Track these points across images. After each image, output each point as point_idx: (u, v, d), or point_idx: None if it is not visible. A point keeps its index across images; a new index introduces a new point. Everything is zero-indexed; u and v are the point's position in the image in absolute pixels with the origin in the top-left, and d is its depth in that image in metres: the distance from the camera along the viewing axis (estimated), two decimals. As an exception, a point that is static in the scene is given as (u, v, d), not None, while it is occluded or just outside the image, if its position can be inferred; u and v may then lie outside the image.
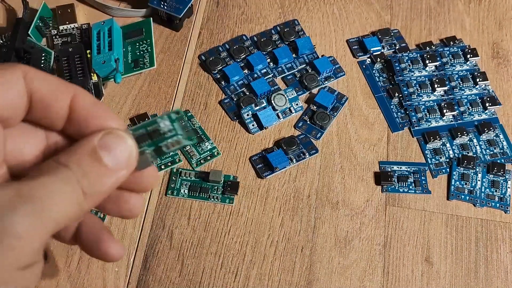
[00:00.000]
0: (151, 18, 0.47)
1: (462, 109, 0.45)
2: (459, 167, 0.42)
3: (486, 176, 0.42)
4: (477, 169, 0.42)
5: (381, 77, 0.47)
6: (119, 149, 0.24)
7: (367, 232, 0.40)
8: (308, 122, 0.44)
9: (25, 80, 0.23)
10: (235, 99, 0.45)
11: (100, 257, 0.26)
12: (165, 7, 0.47)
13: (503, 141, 0.44)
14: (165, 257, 0.39)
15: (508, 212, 0.41)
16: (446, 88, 0.46)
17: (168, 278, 0.38)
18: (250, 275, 0.38)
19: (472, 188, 0.42)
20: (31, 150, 0.25)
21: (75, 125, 0.25)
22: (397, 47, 0.48)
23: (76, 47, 0.44)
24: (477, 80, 0.46)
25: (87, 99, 0.24)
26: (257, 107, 0.44)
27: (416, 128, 0.44)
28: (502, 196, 0.41)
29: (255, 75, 0.46)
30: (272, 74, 0.46)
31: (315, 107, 0.44)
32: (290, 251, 0.39)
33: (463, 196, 0.41)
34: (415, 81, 0.46)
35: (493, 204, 0.41)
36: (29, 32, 0.45)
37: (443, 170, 0.42)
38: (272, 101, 0.44)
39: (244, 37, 0.48)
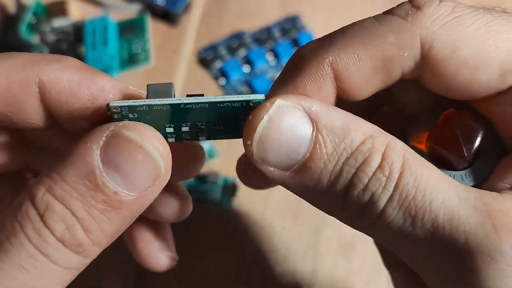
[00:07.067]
0: (148, 13, 0.46)
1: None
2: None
3: None
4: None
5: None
6: (133, 164, 0.15)
7: (372, 235, 0.38)
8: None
9: None
10: (234, 98, 0.44)
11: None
12: (162, 2, 0.46)
13: None
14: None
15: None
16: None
17: (167, 287, 0.36)
18: (251, 281, 0.37)
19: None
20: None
21: (67, 121, 0.18)
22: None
23: (70, 43, 0.43)
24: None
25: (59, 85, 0.17)
26: (257, 106, 0.43)
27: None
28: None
29: (255, 73, 0.45)
30: (273, 71, 0.45)
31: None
32: (292, 256, 0.38)
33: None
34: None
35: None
36: (21, 29, 0.43)
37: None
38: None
39: (244, 33, 0.46)
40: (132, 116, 0.17)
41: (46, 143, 0.21)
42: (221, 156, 0.41)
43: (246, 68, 0.45)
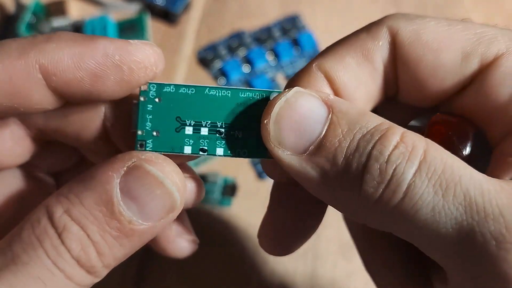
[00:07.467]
0: (147, 13, 0.46)
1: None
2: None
3: None
4: None
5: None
6: (151, 197, 0.16)
7: (372, 236, 0.38)
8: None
9: None
10: (234, 97, 0.44)
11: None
12: (162, 2, 0.45)
13: None
14: (162, 265, 0.37)
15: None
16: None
17: (167, 287, 0.36)
18: (251, 281, 0.37)
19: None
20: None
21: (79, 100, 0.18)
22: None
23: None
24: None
25: (62, 64, 0.16)
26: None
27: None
28: None
29: (255, 72, 0.45)
30: (273, 71, 0.45)
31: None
32: (292, 256, 0.37)
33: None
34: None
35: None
36: (21, 28, 0.43)
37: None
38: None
39: (243, 32, 0.46)
40: (157, 101, 0.18)
41: (52, 137, 0.21)
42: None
43: (246, 68, 0.45)
